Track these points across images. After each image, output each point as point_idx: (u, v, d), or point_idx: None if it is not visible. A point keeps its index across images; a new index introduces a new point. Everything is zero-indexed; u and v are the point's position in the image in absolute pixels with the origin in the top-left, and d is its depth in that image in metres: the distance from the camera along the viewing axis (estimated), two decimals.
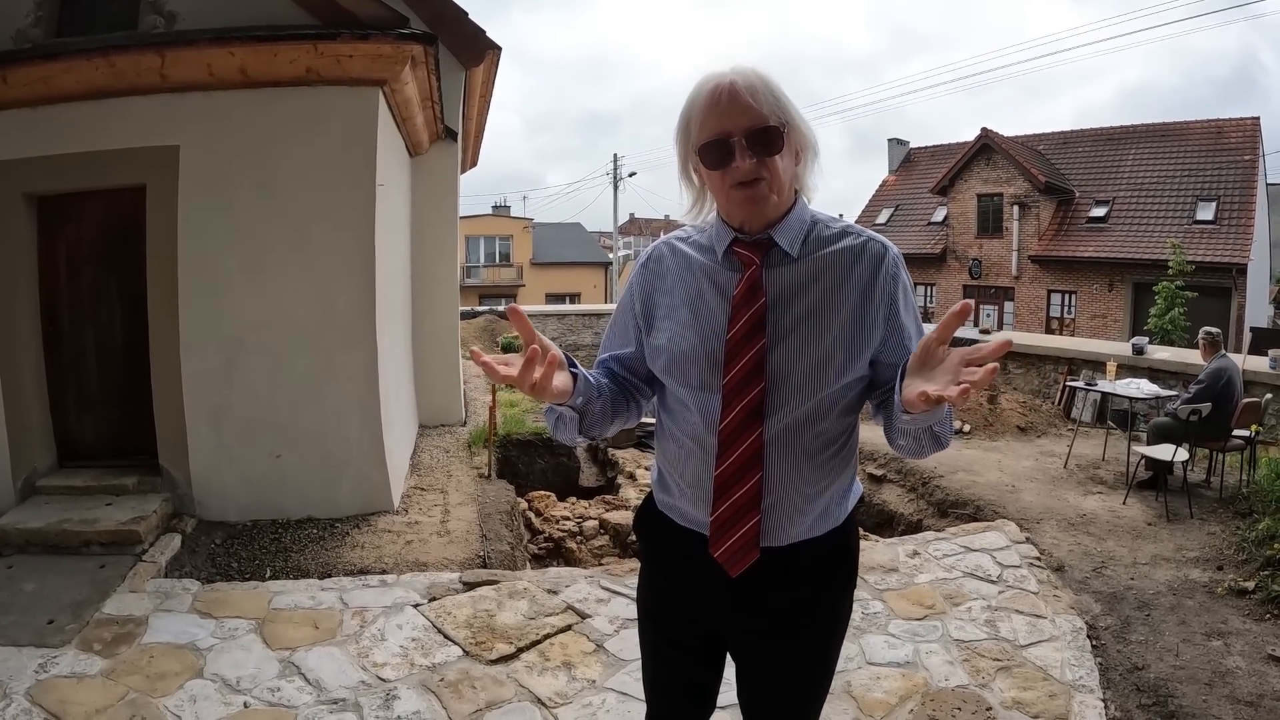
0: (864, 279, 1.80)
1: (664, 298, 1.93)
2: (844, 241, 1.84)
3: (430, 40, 6.17)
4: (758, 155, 1.72)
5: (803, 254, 1.83)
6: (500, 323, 22.66)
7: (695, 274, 1.89)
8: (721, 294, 1.84)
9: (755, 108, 1.71)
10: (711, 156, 1.76)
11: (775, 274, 1.82)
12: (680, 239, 1.98)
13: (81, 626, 4.44)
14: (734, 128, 1.72)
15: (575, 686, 4.06)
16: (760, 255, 1.82)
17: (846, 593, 2.04)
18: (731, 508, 1.83)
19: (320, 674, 4.09)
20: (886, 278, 1.81)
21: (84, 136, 5.91)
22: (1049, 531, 6.56)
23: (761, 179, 1.74)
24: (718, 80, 1.74)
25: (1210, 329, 8.50)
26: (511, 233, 45.05)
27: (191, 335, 6.07)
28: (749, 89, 1.71)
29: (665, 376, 1.92)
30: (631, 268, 2.05)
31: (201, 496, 6.14)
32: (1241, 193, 23.52)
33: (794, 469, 1.84)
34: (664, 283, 1.94)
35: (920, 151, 35.52)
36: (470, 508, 6.75)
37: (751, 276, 1.81)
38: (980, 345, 1.44)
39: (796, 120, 1.77)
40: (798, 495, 1.86)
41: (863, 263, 1.81)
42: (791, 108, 1.76)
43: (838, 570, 1.99)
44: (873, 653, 4.45)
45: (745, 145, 1.72)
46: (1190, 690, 4.13)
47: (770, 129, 1.72)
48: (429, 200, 9.57)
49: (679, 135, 1.83)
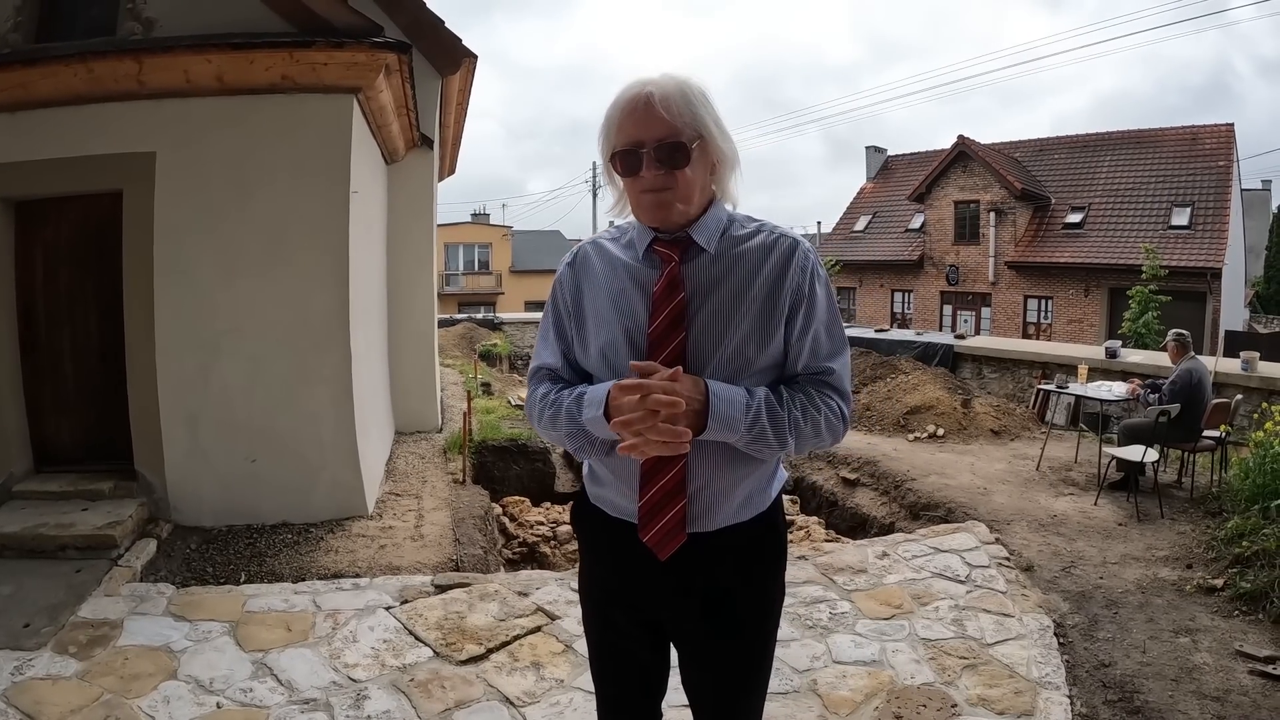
0: (775, 272, 1.90)
1: (590, 295, 2.00)
2: (758, 238, 1.95)
3: (405, 48, 6.22)
4: (664, 167, 1.82)
5: (719, 250, 1.93)
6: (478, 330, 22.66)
7: (619, 272, 1.97)
8: (642, 290, 1.92)
9: (668, 121, 1.80)
10: (623, 164, 1.87)
11: (692, 269, 1.91)
12: (605, 238, 2.06)
13: (57, 629, 4.45)
14: (646, 138, 1.82)
15: (544, 686, 4.09)
16: (679, 252, 1.91)
17: (777, 575, 2.10)
18: (658, 493, 1.90)
19: (292, 675, 4.12)
20: (796, 269, 1.91)
21: (62, 142, 5.92)
22: (1019, 532, 6.63)
23: (668, 189, 1.84)
24: (638, 90, 1.83)
25: (1179, 331, 8.59)
26: (491, 240, 44.99)
27: (167, 340, 6.09)
28: (663, 102, 1.80)
29: (594, 370, 1.99)
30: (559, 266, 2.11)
31: (177, 501, 6.14)
32: (1216, 198, 23.73)
33: (716, 455, 1.91)
34: (591, 280, 2.01)
35: (898, 159, 35.67)
36: (444, 512, 6.78)
37: (671, 273, 1.90)
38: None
39: (713, 133, 1.86)
40: (722, 480, 1.94)
41: (774, 256, 1.91)
42: (709, 121, 1.85)
43: (766, 553, 2.06)
44: (839, 651, 4.50)
45: (653, 156, 1.81)
46: (1156, 686, 4.19)
47: (677, 144, 1.81)
48: (406, 207, 9.61)
49: (601, 137, 1.92)
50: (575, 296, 2.03)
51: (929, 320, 29.11)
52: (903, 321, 30.10)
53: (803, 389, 1.92)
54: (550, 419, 1.98)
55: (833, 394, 1.95)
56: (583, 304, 2.01)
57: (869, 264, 31.49)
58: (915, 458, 9.37)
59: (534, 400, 2.05)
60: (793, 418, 1.86)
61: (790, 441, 1.88)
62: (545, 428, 2.02)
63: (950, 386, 12.41)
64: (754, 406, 1.82)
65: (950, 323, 28.41)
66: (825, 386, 1.95)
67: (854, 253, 31.69)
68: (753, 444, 1.85)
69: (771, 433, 1.84)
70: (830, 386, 1.95)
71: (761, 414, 1.82)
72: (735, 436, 1.83)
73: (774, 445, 1.87)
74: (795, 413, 1.87)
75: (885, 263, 31.10)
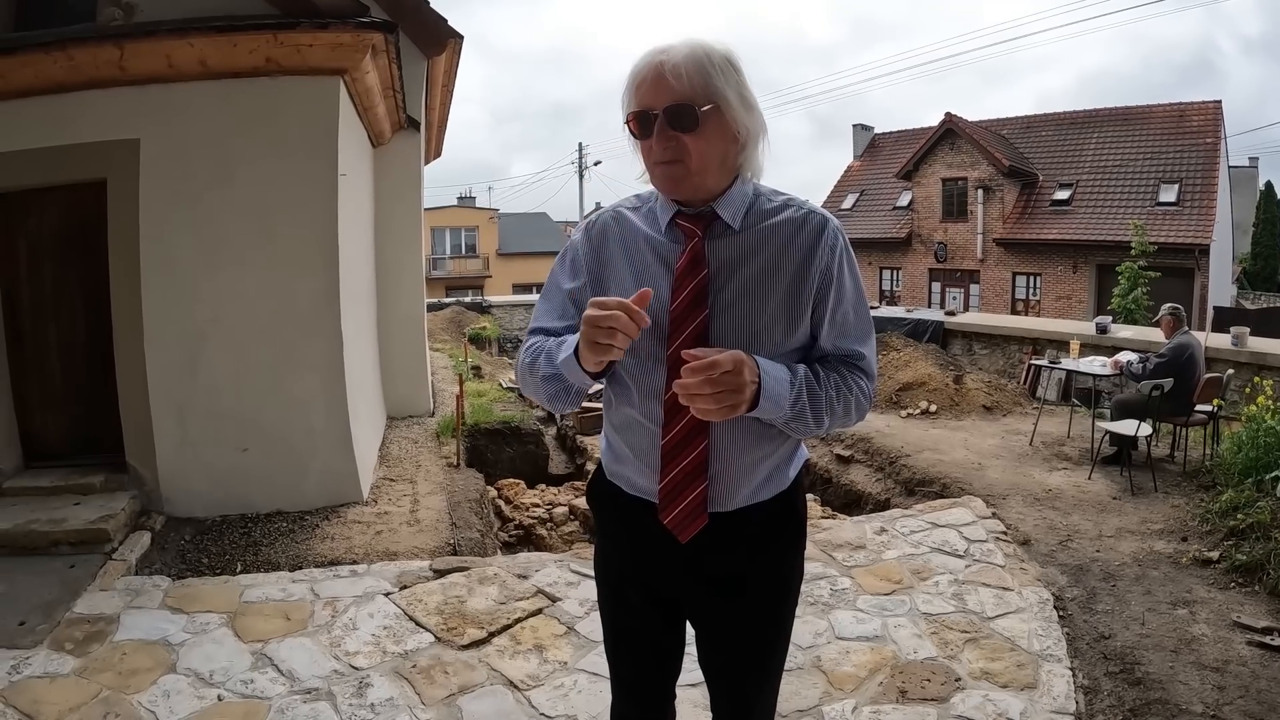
0: (803, 250, 1.86)
1: (611, 266, 1.96)
2: (785, 214, 1.90)
3: (390, 29, 6.14)
4: (675, 130, 1.77)
5: (744, 226, 1.88)
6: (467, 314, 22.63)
7: (640, 244, 1.93)
8: (665, 265, 1.88)
9: (677, 87, 1.75)
10: (636, 127, 1.82)
11: (717, 245, 1.87)
12: (626, 207, 2.01)
13: (53, 626, 4.40)
14: (655, 103, 1.77)
15: (547, 669, 4.08)
16: (703, 227, 1.86)
17: (796, 554, 2.08)
18: (679, 475, 1.87)
19: (293, 664, 4.09)
20: (825, 249, 1.87)
21: (43, 131, 5.82)
22: (1015, 507, 6.64)
23: (678, 160, 1.79)
24: (653, 56, 1.79)
25: (1174, 305, 8.62)
26: (477, 224, 44.86)
27: (155, 330, 6.02)
28: (674, 69, 1.75)
29: None
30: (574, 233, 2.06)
31: (169, 493, 6.09)
32: (1204, 175, 23.84)
33: (738, 435, 1.89)
34: (610, 250, 1.97)
35: (884, 137, 35.68)
36: (439, 497, 6.75)
37: (694, 249, 1.85)
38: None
39: (732, 102, 1.80)
40: (743, 461, 1.91)
41: (803, 234, 1.87)
42: (728, 90, 1.79)
43: (786, 532, 2.04)
44: (841, 628, 4.50)
45: (664, 121, 1.77)
46: (1157, 657, 4.20)
47: (685, 107, 1.76)
48: (392, 191, 9.54)
49: (623, 102, 1.87)
50: (595, 270, 1.98)
51: (917, 297, 29.20)
52: (891, 299, 30.16)
53: (835, 369, 1.91)
54: (528, 365, 1.95)
55: (862, 376, 1.94)
56: (605, 277, 1.96)
57: (857, 242, 31.22)
58: (908, 434, 9.38)
59: (522, 353, 2.02)
60: (828, 397, 1.85)
61: (825, 420, 1.86)
62: (524, 374, 1.99)
63: (941, 363, 12.42)
64: (797, 384, 1.80)
65: (939, 300, 28.50)
66: (855, 369, 1.93)
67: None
68: (792, 422, 1.83)
69: (810, 411, 1.82)
70: (860, 369, 1.94)
71: (803, 392, 1.80)
72: (780, 415, 1.79)
73: (810, 424, 1.85)
74: (830, 392, 1.85)
75: (873, 240, 31.11)
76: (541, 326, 2.04)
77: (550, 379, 1.89)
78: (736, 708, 2.13)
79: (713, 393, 1.65)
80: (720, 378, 1.65)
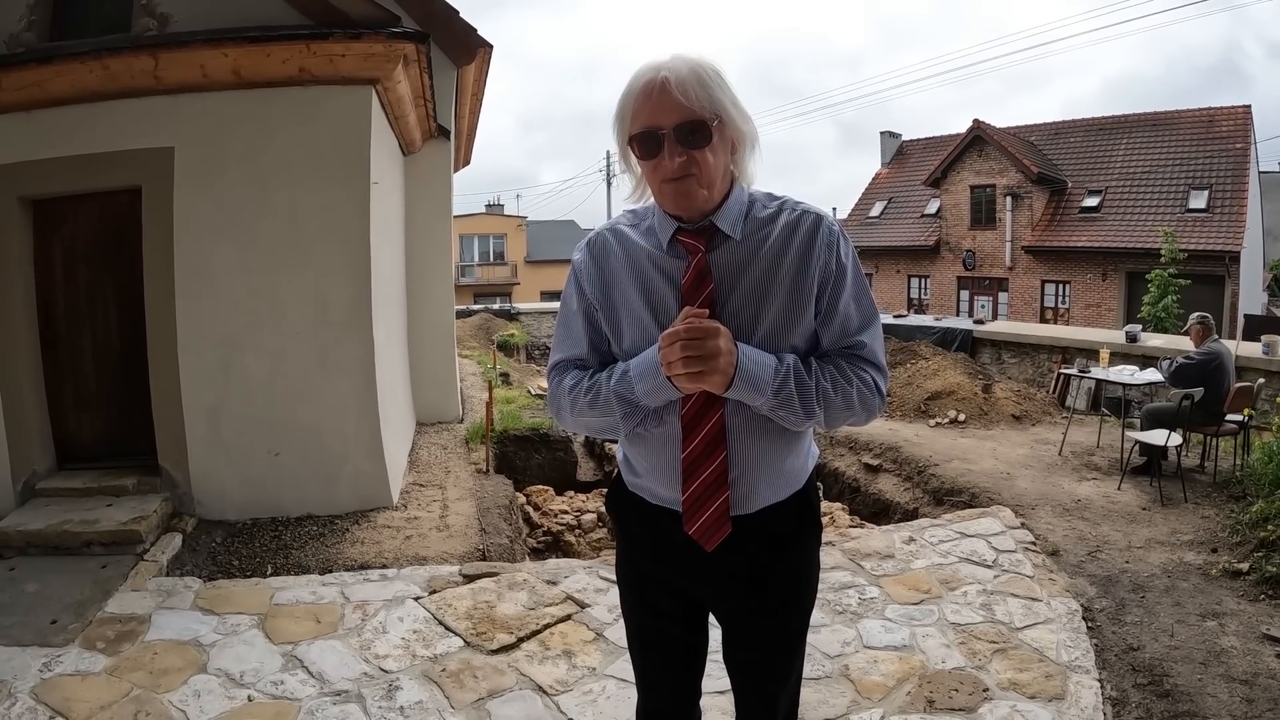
0: (800, 250, 1.88)
1: (616, 285, 1.97)
2: (781, 217, 1.92)
3: (422, 38, 6.19)
4: (686, 148, 1.78)
5: (744, 234, 1.90)
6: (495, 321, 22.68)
7: (642, 261, 1.94)
8: (671, 281, 1.90)
9: (684, 104, 1.76)
10: (642, 148, 1.83)
11: (719, 256, 1.88)
12: (624, 224, 2.02)
13: (85, 625, 4.46)
14: (664, 122, 1.77)
15: (576, 674, 4.09)
16: (704, 242, 1.88)
17: (814, 548, 2.11)
18: (701, 487, 1.90)
19: (323, 666, 4.13)
20: (821, 246, 1.89)
21: (78, 139, 5.92)
22: (1044, 517, 6.59)
23: (690, 175, 1.80)
24: (652, 74, 1.79)
25: (1202, 314, 8.52)
26: (505, 231, 45.07)
27: (188, 334, 6.10)
28: (679, 85, 1.76)
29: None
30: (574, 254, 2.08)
31: (201, 496, 6.16)
32: (1234, 181, 23.53)
33: (756, 443, 1.91)
34: (613, 268, 1.98)
35: (912, 144, 35.49)
36: (469, 502, 6.79)
37: (698, 264, 1.87)
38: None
39: (731, 113, 1.82)
40: (761, 466, 1.93)
41: (800, 235, 1.89)
42: (726, 101, 1.81)
43: (803, 526, 2.06)
44: (870, 637, 4.48)
45: (674, 139, 1.77)
46: (1185, 670, 4.17)
47: (698, 123, 1.77)
48: (423, 198, 9.62)
49: (615, 123, 1.88)
50: (602, 287, 1.99)
51: (946, 305, 29.01)
52: (920, 307, 29.99)
53: (833, 361, 1.92)
54: (588, 404, 1.95)
55: (865, 366, 1.94)
56: (612, 295, 1.97)
57: (885, 250, 31.36)
58: (937, 443, 9.34)
59: (560, 391, 2.02)
60: (821, 388, 1.85)
61: (818, 411, 1.87)
62: (581, 414, 1.99)
63: (970, 372, 12.38)
64: (782, 371, 1.81)
65: (968, 308, 28.29)
66: (857, 359, 1.94)
67: (870, 238, 31.55)
68: (779, 409, 1.84)
69: (798, 400, 1.83)
70: (862, 359, 1.94)
71: (789, 379, 1.81)
72: (761, 399, 1.81)
73: (799, 413, 1.85)
74: (824, 383, 1.86)
75: (902, 248, 30.99)
76: (565, 358, 2.07)
77: (628, 415, 1.93)
78: (763, 700, 2.15)
79: (681, 356, 1.70)
80: (690, 343, 1.69)
